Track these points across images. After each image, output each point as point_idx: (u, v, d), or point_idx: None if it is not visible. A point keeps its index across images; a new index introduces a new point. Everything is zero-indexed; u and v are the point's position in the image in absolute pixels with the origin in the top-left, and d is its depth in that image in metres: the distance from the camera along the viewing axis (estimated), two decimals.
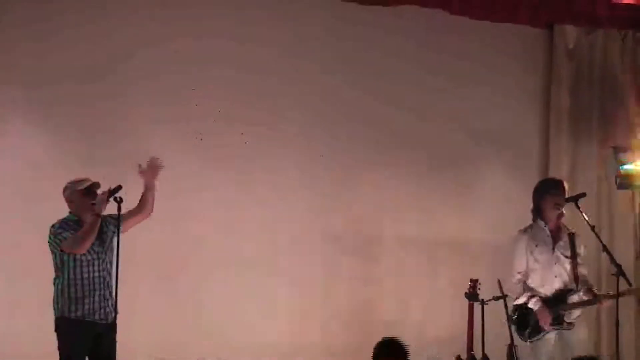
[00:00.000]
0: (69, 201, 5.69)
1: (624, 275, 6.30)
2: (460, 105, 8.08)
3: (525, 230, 6.45)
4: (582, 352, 6.25)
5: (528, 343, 6.32)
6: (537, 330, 6.30)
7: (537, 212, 6.44)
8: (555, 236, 6.41)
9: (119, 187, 5.54)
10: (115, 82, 7.18)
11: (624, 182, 7.53)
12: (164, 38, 7.31)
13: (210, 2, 7.48)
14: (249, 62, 7.49)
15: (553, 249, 6.38)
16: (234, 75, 7.46)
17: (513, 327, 6.35)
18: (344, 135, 7.81)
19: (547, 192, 6.42)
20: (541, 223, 6.41)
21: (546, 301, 6.29)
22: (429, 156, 8.02)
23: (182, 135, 7.34)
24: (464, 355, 6.71)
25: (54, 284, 5.62)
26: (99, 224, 5.54)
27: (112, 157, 6.98)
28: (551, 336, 6.30)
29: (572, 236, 6.43)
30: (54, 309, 5.60)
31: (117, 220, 5.53)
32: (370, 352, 7.50)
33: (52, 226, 5.61)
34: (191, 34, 7.38)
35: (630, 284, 6.36)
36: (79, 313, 5.53)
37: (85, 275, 5.55)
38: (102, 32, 7.19)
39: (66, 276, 5.56)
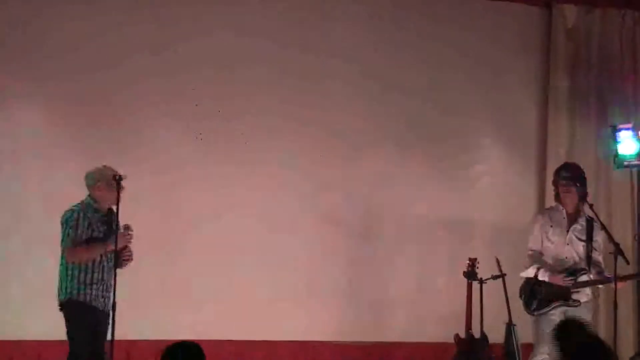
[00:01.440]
0: (98, 190, 5.75)
1: (622, 254, 6.34)
2: (458, 85, 8.06)
3: (543, 211, 6.66)
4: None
5: (534, 315, 6.35)
6: (544, 304, 6.32)
7: (556, 195, 6.55)
8: (572, 219, 6.49)
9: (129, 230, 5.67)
10: (119, 80, 7.25)
11: (622, 161, 7.51)
12: (166, 37, 7.36)
13: (210, 3, 7.53)
14: (248, 60, 7.53)
15: (567, 231, 6.44)
16: (234, 67, 7.50)
17: (520, 301, 6.38)
18: (342, 116, 7.79)
19: (558, 177, 6.53)
20: (559, 206, 6.52)
21: (554, 271, 6.33)
22: (426, 137, 8.00)
23: (183, 126, 7.40)
24: (462, 334, 6.74)
25: (65, 267, 5.69)
26: (99, 254, 5.65)
27: (116, 150, 7.02)
28: (556, 312, 6.32)
29: (590, 221, 6.50)
30: (60, 292, 5.70)
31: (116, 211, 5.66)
32: (371, 332, 7.64)
33: (65, 212, 5.72)
34: (192, 33, 7.42)
35: (627, 262, 6.41)
36: (87, 297, 5.66)
37: (97, 265, 5.70)
38: (106, 30, 7.24)
39: (77, 263, 5.66)
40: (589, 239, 6.45)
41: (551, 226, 6.46)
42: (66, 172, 5.95)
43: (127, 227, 5.67)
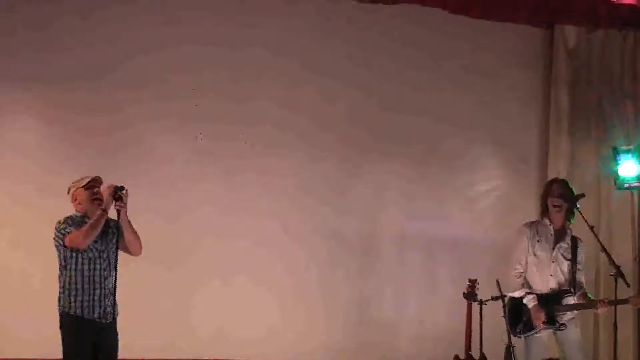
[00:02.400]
0: (75, 200, 5.70)
1: (622, 276, 6.32)
2: (460, 104, 8.07)
3: (529, 225, 6.51)
4: (576, 351, 6.30)
5: (520, 337, 6.33)
6: (529, 328, 6.31)
7: (544, 210, 6.51)
8: (559, 236, 6.45)
9: (122, 188, 5.55)
10: (118, 83, 7.23)
11: (623, 182, 7.52)
12: (164, 41, 7.34)
13: (208, 6, 7.49)
14: (247, 62, 7.52)
15: (553, 247, 6.40)
16: (233, 75, 7.50)
17: (506, 321, 6.37)
18: (342, 134, 7.81)
19: (549, 192, 6.47)
20: (546, 221, 6.47)
21: (541, 300, 6.31)
22: (428, 154, 8.02)
23: (182, 133, 7.37)
24: (462, 355, 6.72)
25: (58, 280, 5.63)
26: (104, 220, 5.55)
27: (113, 154, 7.07)
28: (543, 335, 6.31)
29: (575, 240, 6.47)
30: (58, 305, 5.61)
31: (117, 222, 5.57)
32: (369, 353, 7.62)
33: (58, 222, 5.63)
34: (189, 37, 7.40)
35: (628, 285, 6.37)
36: (79, 310, 5.54)
37: (87, 273, 5.57)
38: (105, 36, 7.23)
39: (68, 273, 5.58)
40: (574, 259, 6.42)
41: (538, 240, 6.41)
42: (65, 179, 5.91)
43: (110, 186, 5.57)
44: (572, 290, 6.38)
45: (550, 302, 6.31)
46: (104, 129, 7.22)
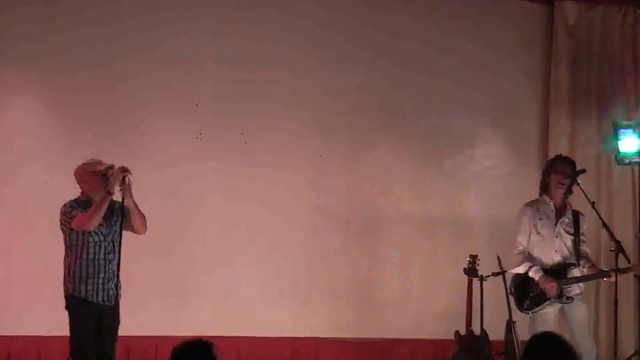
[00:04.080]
0: (82, 181, 5.71)
1: (622, 251, 6.34)
2: (459, 83, 8.05)
3: (530, 203, 6.51)
4: (583, 328, 6.30)
5: (530, 314, 6.33)
6: (537, 302, 6.31)
7: (544, 187, 6.49)
8: (560, 212, 6.45)
9: (127, 171, 5.56)
10: (120, 76, 7.29)
11: (623, 158, 7.51)
12: (166, 37, 7.39)
13: (212, 3, 7.53)
14: (248, 61, 7.54)
15: (556, 224, 6.41)
16: (235, 67, 7.52)
17: (512, 298, 6.38)
18: (343, 115, 7.80)
19: (553, 168, 6.46)
20: (546, 198, 6.47)
21: (546, 272, 6.30)
22: (427, 133, 8.01)
23: (184, 134, 7.43)
24: (462, 331, 6.73)
25: (64, 262, 5.66)
26: (108, 201, 5.55)
27: (117, 145, 7.10)
28: (550, 310, 6.31)
29: (576, 214, 6.49)
30: (63, 286, 5.65)
31: (121, 204, 5.60)
32: (372, 329, 7.64)
33: (63, 205, 5.65)
34: (192, 33, 7.45)
35: (629, 261, 6.39)
36: (83, 293, 5.59)
37: (91, 257, 5.60)
38: (108, 29, 7.29)
39: (73, 255, 5.61)
40: (577, 232, 6.42)
41: (540, 219, 6.41)
42: (65, 169, 5.93)
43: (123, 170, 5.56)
44: (577, 263, 6.38)
45: (556, 275, 6.31)
46: (103, 130, 7.26)
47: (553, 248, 6.38)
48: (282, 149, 7.61)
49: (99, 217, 5.52)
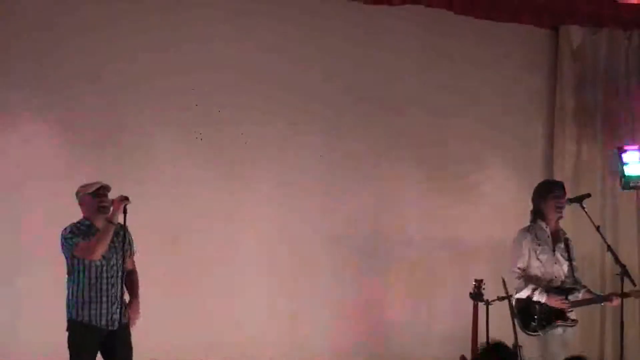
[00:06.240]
0: (81, 205, 5.72)
1: (628, 275, 6.33)
2: (464, 105, 8.08)
3: (528, 229, 6.48)
4: (572, 350, 6.29)
5: (535, 334, 6.30)
6: (545, 323, 6.30)
7: (538, 213, 6.47)
8: (555, 237, 6.45)
9: (127, 200, 5.57)
10: (120, 84, 7.19)
11: (629, 182, 7.53)
12: (165, 41, 7.32)
13: (210, 6, 7.47)
14: (249, 63, 7.48)
15: (553, 250, 6.41)
16: (234, 76, 7.46)
17: (518, 322, 6.36)
18: (346, 135, 7.80)
19: (550, 193, 6.45)
20: (542, 224, 6.44)
21: (549, 290, 6.30)
22: (433, 156, 8.02)
23: (184, 134, 7.35)
24: (468, 355, 6.72)
25: (66, 286, 5.66)
26: (112, 231, 5.56)
27: (118, 156, 7.05)
28: (559, 331, 6.30)
29: (567, 241, 6.49)
30: (66, 309, 5.65)
31: (123, 226, 5.61)
32: (376, 351, 7.61)
33: (64, 229, 5.64)
34: (191, 37, 7.37)
35: (634, 284, 6.38)
36: (86, 318, 5.57)
37: (93, 281, 5.58)
38: (108, 37, 7.20)
39: (75, 280, 5.61)
40: (570, 258, 6.42)
41: (539, 244, 6.38)
42: (70, 185, 5.94)
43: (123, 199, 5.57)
44: (578, 287, 6.39)
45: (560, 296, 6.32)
46: (104, 135, 7.15)
47: (552, 274, 6.38)
48: (283, 167, 7.59)
49: (103, 247, 5.54)
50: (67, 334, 5.62)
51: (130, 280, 5.79)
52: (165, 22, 7.33)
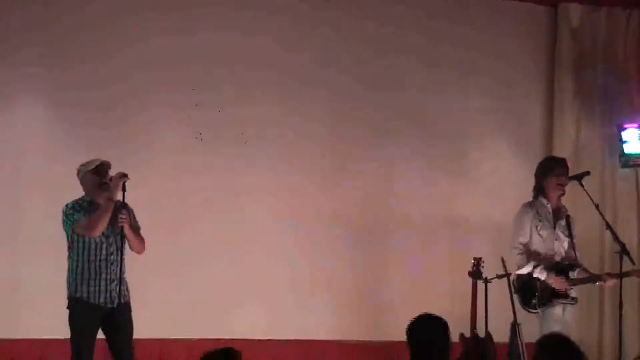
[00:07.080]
0: (82, 183, 5.73)
1: (627, 253, 6.33)
2: (463, 84, 8.07)
3: (530, 205, 6.47)
4: (570, 331, 6.29)
5: (539, 312, 6.31)
6: (545, 300, 6.29)
7: (540, 190, 6.45)
8: (556, 214, 6.45)
9: (126, 177, 5.57)
10: (121, 75, 7.28)
11: (628, 160, 7.51)
12: (167, 35, 7.39)
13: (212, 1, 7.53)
14: (250, 53, 7.53)
15: (554, 226, 6.39)
16: (236, 68, 7.52)
17: (517, 298, 6.36)
18: (346, 116, 7.81)
19: (552, 171, 6.44)
20: (543, 200, 6.45)
21: (550, 269, 6.29)
22: (433, 136, 8.01)
23: (184, 122, 7.41)
24: (467, 333, 6.72)
25: (67, 262, 5.68)
26: (112, 208, 5.55)
27: (119, 141, 7.09)
28: (558, 308, 6.31)
29: (568, 218, 6.48)
30: (67, 286, 5.67)
31: (123, 202, 5.61)
32: (376, 332, 7.62)
33: (65, 206, 5.68)
34: (193, 31, 7.44)
35: (633, 263, 6.40)
36: (85, 294, 5.60)
37: (92, 258, 5.61)
38: (110, 26, 7.29)
39: (75, 257, 5.63)
40: (571, 235, 6.42)
41: (540, 220, 6.40)
42: (67, 168, 5.94)
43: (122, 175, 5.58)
44: (577, 264, 6.39)
45: (560, 274, 6.31)
46: (104, 130, 7.22)
47: (553, 250, 6.39)
48: (283, 151, 7.62)
49: (103, 224, 5.55)
50: (67, 311, 5.64)
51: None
52: (165, 19, 7.40)
